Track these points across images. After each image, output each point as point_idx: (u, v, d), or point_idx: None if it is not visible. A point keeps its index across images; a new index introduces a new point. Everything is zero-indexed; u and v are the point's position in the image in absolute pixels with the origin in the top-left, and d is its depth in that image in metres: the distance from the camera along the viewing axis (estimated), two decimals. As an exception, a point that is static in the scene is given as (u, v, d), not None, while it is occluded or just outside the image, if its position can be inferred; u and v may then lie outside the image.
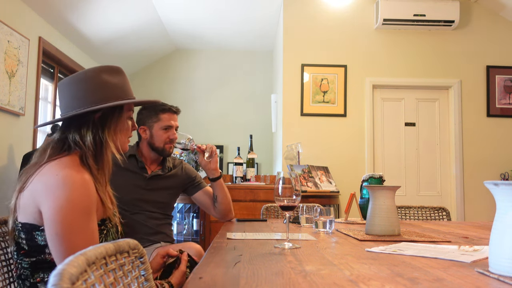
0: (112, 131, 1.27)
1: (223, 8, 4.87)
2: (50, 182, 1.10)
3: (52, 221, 1.08)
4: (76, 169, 1.15)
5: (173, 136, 2.17)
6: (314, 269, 0.93)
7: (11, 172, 3.47)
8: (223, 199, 2.15)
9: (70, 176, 1.11)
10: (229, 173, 5.68)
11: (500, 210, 0.86)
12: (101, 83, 1.26)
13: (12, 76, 3.40)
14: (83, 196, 1.11)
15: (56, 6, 3.87)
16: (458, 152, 4.41)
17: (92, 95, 1.24)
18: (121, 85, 1.30)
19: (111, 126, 1.27)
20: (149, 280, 0.90)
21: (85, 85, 1.25)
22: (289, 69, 4.46)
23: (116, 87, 1.28)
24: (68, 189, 1.09)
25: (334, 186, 3.95)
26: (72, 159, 1.18)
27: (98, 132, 1.24)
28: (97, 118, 1.25)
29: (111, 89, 1.27)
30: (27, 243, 1.14)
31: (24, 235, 1.13)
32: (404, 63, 4.50)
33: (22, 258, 1.16)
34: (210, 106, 5.99)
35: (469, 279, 0.83)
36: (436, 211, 2.62)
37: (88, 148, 1.22)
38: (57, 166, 1.14)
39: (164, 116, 2.16)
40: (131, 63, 5.74)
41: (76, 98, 1.24)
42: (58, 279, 0.55)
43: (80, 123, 1.24)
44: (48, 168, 1.14)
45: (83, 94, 1.24)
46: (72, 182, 1.10)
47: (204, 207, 2.29)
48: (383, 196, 1.55)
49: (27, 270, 1.16)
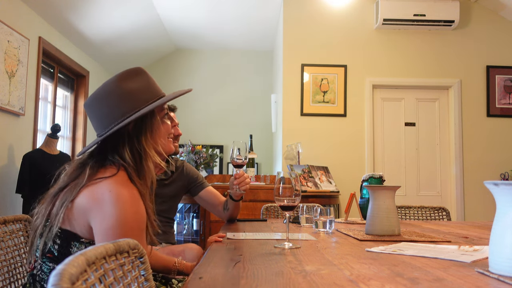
0: (149, 138, 1.22)
1: (223, 8, 4.87)
2: (102, 198, 1.09)
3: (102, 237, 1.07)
4: (127, 186, 1.13)
5: (177, 132, 2.13)
6: (314, 269, 0.93)
7: (11, 172, 3.47)
8: (233, 212, 2.14)
9: (121, 193, 1.09)
10: (229, 173, 5.69)
11: (500, 210, 0.86)
12: (124, 94, 1.20)
13: (12, 76, 3.40)
14: (134, 214, 1.10)
15: (56, 6, 3.87)
16: (458, 152, 4.41)
17: (119, 109, 1.18)
18: (145, 87, 1.25)
19: (147, 133, 1.21)
20: (149, 280, 0.90)
21: (108, 101, 1.20)
22: (289, 69, 4.46)
23: (140, 92, 1.22)
24: (119, 207, 1.08)
25: (334, 186, 3.95)
26: (123, 176, 1.15)
27: (135, 144, 1.19)
28: (131, 130, 1.20)
29: (136, 96, 1.21)
30: (58, 250, 1.12)
31: (60, 241, 1.12)
32: (404, 63, 4.50)
33: (45, 262, 1.14)
34: (210, 106, 5.99)
35: (469, 279, 0.83)
36: (436, 211, 2.62)
37: (128, 164, 1.17)
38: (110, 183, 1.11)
39: None
40: (131, 63, 5.73)
41: (104, 117, 1.19)
42: (58, 279, 0.55)
43: (115, 141, 1.19)
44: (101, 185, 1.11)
45: (109, 110, 1.19)
46: (124, 199, 1.09)
47: (207, 207, 2.28)
48: (383, 196, 1.55)
49: (45, 274, 1.13)
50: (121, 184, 1.12)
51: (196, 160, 3.71)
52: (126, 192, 1.11)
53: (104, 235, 1.08)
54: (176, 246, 2.00)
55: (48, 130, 3.67)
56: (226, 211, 2.14)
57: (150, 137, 1.22)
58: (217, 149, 5.70)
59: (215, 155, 3.96)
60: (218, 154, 4.70)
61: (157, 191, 2.14)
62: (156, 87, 1.29)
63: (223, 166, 5.88)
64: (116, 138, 1.19)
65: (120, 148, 1.18)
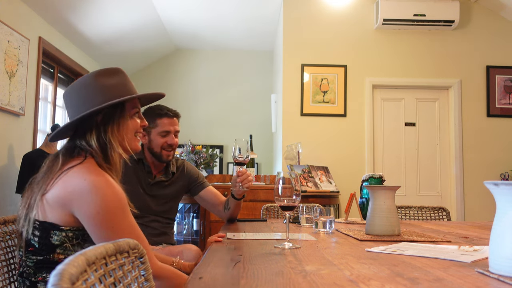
0: (116, 131, 1.27)
1: (223, 8, 4.87)
2: (79, 188, 1.14)
3: (92, 224, 1.14)
4: (98, 173, 1.18)
5: (172, 141, 2.12)
6: (314, 269, 0.93)
7: (11, 172, 3.47)
8: (234, 211, 2.14)
9: (97, 180, 1.15)
10: (229, 173, 5.69)
11: (500, 210, 0.86)
12: (99, 86, 1.27)
13: (12, 76, 3.40)
14: (113, 196, 1.16)
15: (56, 6, 3.87)
16: (458, 152, 4.41)
17: (92, 100, 1.25)
18: (120, 84, 1.30)
19: (114, 126, 1.27)
20: (149, 280, 0.90)
21: (84, 91, 1.27)
22: (289, 69, 4.46)
23: (115, 88, 1.29)
24: (100, 193, 1.14)
25: (334, 186, 3.95)
26: (92, 163, 1.21)
27: (101, 134, 1.25)
28: (100, 120, 1.26)
29: (110, 90, 1.27)
30: (38, 241, 1.16)
31: (39, 233, 1.16)
32: (404, 63, 4.50)
33: (28, 256, 1.18)
34: (210, 106, 5.99)
35: (469, 279, 0.83)
36: (436, 211, 2.62)
37: (96, 152, 1.23)
38: (82, 172, 1.17)
39: (161, 121, 2.11)
40: (131, 63, 5.74)
41: (78, 105, 1.26)
42: (58, 279, 0.55)
43: (84, 129, 1.25)
44: (72, 174, 1.16)
45: (83, 100, 1.25)
46: (100, 186, 1.14)
47: (207, 206, 2.28)
48: (383, 196, 1.55)
49: (30, 268, 1.18)
50: (92, 171, 1.17)
51: (196, 160, 3.71)
52: (100, 177, 1.16)
53: (93, 222, 1.13)
54: (175, 247, 2.00)
55: (48, 130, 3.67)
56: (227, 211, 2.14)
57: (117, 130, 1.28)
58: (217, 149, 5.70)
59: (215, 155, 3.95)
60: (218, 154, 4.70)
61: (158, 193, 2.15)
62: (131, 87, 1.35)
63: (223, 166, 5.88)
64: (86, 127, 1.25)
65: (88, 136, 1.25)
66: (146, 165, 2.13)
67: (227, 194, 3.51)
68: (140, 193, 2.08)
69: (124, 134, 1.30)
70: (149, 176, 2.13)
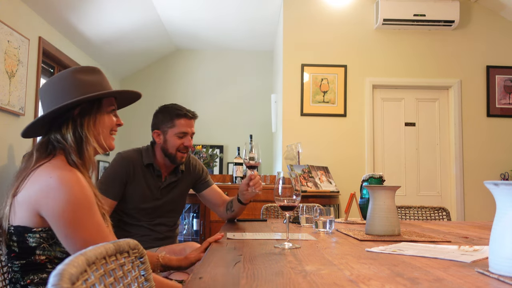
0: (92, 125, 1.27)
1: (223, 8, 4.87)
2: (46, 185, 1.12)
3: (57, 222, 1.11)
4: (66, 168, 1.17)
5: (188, 143, 2.05)
6: (314, 269, 0.93)
7: (11, 172, 3.47)
8: (237, 214, 2.15)
9: (63, 176, 1.12)
10: (229, 173, 5.68)
11: (500, 210, 0.86)
12: (76, 81, 1.26)
13: (12, 76, 3.40)
14: (81, 193, 1.13)
15: (56, 6, 3.87)
16: (458, 152, 4.41)
17: (69, 93, 1.25)
18: (97, 82, 1.30)
19: (90, 120, 1.27)
20: (149, 280, 0.90)
21: (61, 85, 1.26)
22: (289, 69, 4.46)
23: (92, 84, 1.28)
24: (65, 190, 1.11)
25: (334, 186, 3.94)
26: (60, 160, 1.20)
27: (77, 127, 1.24)
28: (76, 114, 1.25)
29: (88, 86, 1.27)
30: (18, 246, 1.15)
31: (16, 238, 1.14)
32: (404, 63, 4.50)
33: (13, 261, 1.17)
34: (210, 106, 5.99)
35: (469, 279, 0.83)
36: (436, 211, 2.62)
37: (70, 146, 1.22)
38: (48, 169, 1.15)
39: (179, 122, 2.03)
40: (131, 63, 5.74)
41: (54, 99, 1.25)
42: (58, 279, 0.55)
43: (60, 122, 1.25)
44: (39, 172, 1.15)
45: (60, 94, 1.25)
46: (67, 182, 1.12)
47: (209, 205, 2.27)
48: (383, 196, 1.55)
49: (17, 273, 1.16)
50: (59, 167, 1.16)
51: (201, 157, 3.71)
52: (67, 173, 1.14)
53: (58, 220, 1.10)
54: (177, 245, 2.00)
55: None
56: (230, 212, 2.13)
57: (93, 124, 1.28)
58: (217, 149, 5.70)
59: (215, 155, 3.95)
60: (218, 154, 4.70)
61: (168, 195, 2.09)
62: (108, 85, 1.34)
63: (223, 166, 5.88)
64: (61, 122, 1.25)
65: (64, 129, 1.24)
66: (156, 169, 2.05)
67: (228, 194, 3.51)
68: (149, 198, 2.04)
69: (100, 130, 1.30)
70: (158, 180, 2.07)
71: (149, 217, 2.04)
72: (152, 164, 2.05)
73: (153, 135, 2.08)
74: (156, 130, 2.07)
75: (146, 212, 2.03)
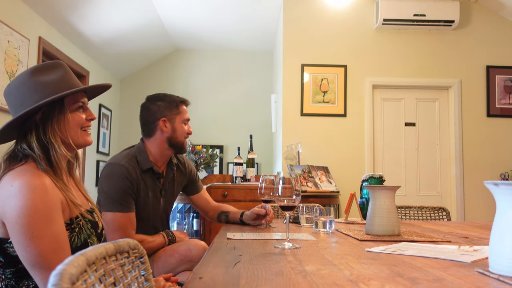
0: (56, 129, 1.21)
1: (223, 8, 4.87)
2: (7, 193, 1.08)
3: (13, 230, 1.07)
4: (32, 175, 1.12)
5: (190, 130, 2.01)
6: (314, 269, 0.93)
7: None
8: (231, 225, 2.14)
9: (24, 183, 1.08)
10: (229, 173, 5.68)
11: (500, 210, 0.86)
12: (34, 85, 1.21)
13: (12, 76, 3.40)
14: (39, 201, 1.08)
15: (56, 6, 3.87)
16: (458, 152, 4.41)
17: (28, 99, 1.19)
18: (58, 80, 1.24)
19: (54, 124, 1.21)
20: (149, 280, 0.90)
21: (20, 91, 1.21)
22: (289, 69, 4.46)
23: (51, 84, 1.22)
24: (22, 197, 1.06)
25: (334, 186, 3.94)
26: (29, 166, 1.16)
27: (41, 135, 1.19)
28: (38, 119, 1.20)
29: (47, 87, 1.21)
30: (2, 256, 1.13)
31: None
32: (404, 63, 4.50)
33: (4, 270, 1.14)
34: (210, 106, 5.99)
35: (469, 279, 0.83)
36: (436, 211, 2.62)
37: (37, 155, 1.17)
38: (11, 177, 1.12)
39: (183, 108, 1.98)
40: (131, 63, 5.74)
41: (16, 107, 1.21)
42: (58, 279, 0.55)
43: (25, 131, 1.20)
44: (4, 180, 1.12)
45: (21, 100, 1.20)
46: (26, 189, 1.07)
47: (198, 209, 2.27)
48: (383, 196, 1.55)
49: (11, 280, 1.14)
50: (24, 174, 1.11)
51: (196, 160, 3.71)
52: (29, 180, 1.09)
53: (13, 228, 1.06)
54: (179, 244, 1.94)
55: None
56: (222, 222, 2.14)
57: (57, 127, 1.22)
58: (217, 149, 5.70)
59: (215, 155, 3.95)
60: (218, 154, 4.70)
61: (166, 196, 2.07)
62: (71, 80, 1.28)
63: (223, 166, 5.88)
64: (25, 130, 1.20)
65: (29, 138, 1.19)
66: (156, 172, 1.96)
67: (227, 194, 3.51)
68: (150, 204, 1.97)
69: (66, 131, 1.23)
70: (157, 182, 1.99)
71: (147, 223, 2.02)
72: (152, 168, 1.94)
73: (158, 123, 1.95)
74: (162, 118, 1.94)
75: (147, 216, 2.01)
